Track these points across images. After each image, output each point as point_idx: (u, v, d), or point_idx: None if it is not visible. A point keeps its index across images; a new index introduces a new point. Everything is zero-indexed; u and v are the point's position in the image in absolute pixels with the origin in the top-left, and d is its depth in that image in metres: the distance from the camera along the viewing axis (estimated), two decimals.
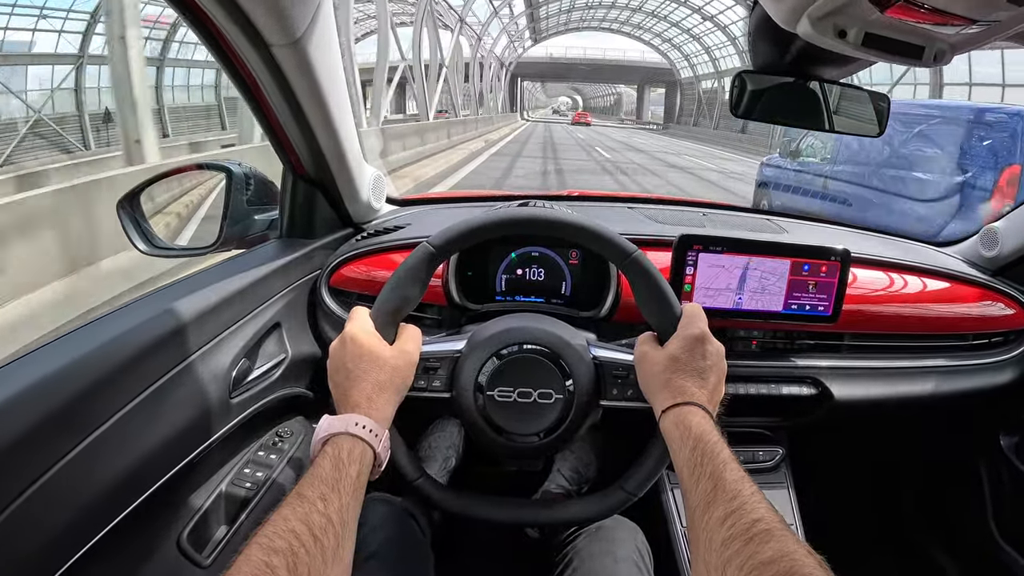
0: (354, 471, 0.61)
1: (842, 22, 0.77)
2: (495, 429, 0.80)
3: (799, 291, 1.06)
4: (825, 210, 5.90)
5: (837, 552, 0.52)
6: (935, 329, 1.22)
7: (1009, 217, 1.31)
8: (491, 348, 0.82)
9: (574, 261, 1.15)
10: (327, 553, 0.53)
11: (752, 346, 1.16)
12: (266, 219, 1.16)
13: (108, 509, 0.71)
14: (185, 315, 0.83)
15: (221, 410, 0.90)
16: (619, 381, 0.81)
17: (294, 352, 1.09)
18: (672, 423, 0.67)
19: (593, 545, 0.90)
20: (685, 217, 1.39)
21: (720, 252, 1.04)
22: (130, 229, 1.06)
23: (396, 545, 0.89)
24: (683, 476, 0.62)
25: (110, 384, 0.71)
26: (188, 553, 0.85)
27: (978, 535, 1.36)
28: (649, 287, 0.77)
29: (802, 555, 0.48)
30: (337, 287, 1.17)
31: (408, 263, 0.77)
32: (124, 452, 0.72)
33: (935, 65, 0.84)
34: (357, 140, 1.13)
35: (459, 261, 1.13)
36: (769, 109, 1.06)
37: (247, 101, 0.97)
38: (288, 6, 0.80)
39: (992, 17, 0.68)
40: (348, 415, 0.66)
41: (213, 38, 0.85)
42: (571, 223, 0.79)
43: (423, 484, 0.80)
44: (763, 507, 0.54)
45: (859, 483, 1.68)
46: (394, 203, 1.46)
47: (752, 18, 0.94)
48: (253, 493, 0.96)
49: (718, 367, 0.72)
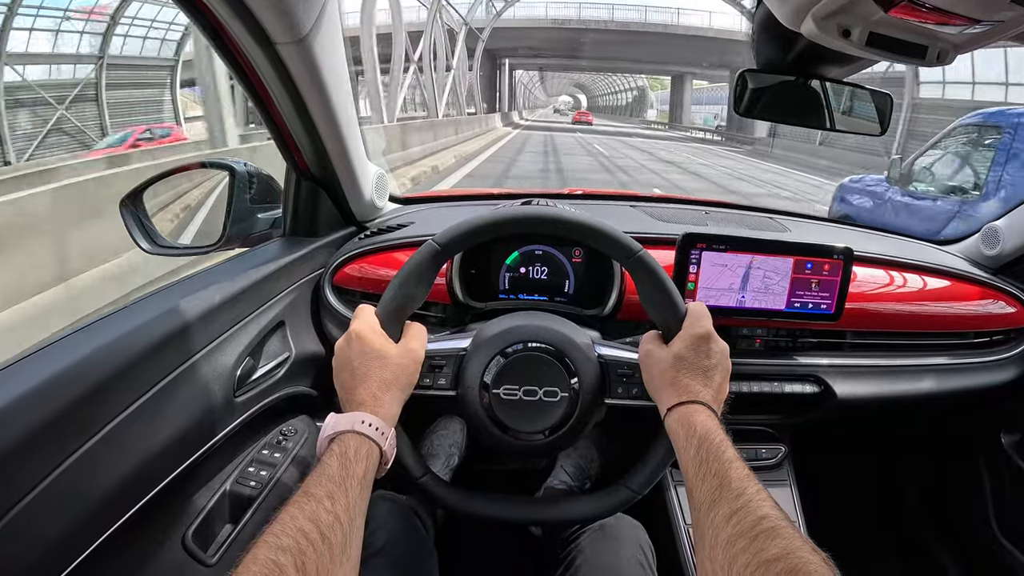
0: (361, 469, 0.62)
1: (846, 21, 0.78)
2: (500, 427, 0.80)
3: (802, 289, 1.06)
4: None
5: (839, 549, 0.52)
6: (937, 327, 1.22)
7: (1010, 215, 1.31)
8: (496, 346, 0.82)
9: (578, 259, 1.16)
10: (335, 551, 0.53)
11: (755, 344, 1.16)
12: (269, 217, 1.17)
13: (114, 509, 0.71)
14: (189, 314, 0.84)
15: (225, 409, 0.90)
16: (624, 380, 0.81)
17: (298, 351, 1.09)
18: (677, 422, 0.67)
19: (597, 543, 0.90)
20: (688, 215, 1.39)
21: (723, 251, 1.04)
22: (133, 228, 1.06)
23: (401, 543, 0.89)
24: (688, 474, 0.63)
25: (114, 384, 0.71)
26: (194, 552, 0.85)
27: (979, 533, 1.36)
28: (654, 285, 0.77)
29: (807, 552, 0.49)
30: (341, 286, 1.17)
31: (413, 261, 0.78)
32: (129, 452, 0.73)
33: (938, 64, 0.85)
34: (361, 138, 1.13)
35: (463, 259, 1.13)
36: (771, 107, 1.06)
37: (252, 99, 0.97)
38: (294, 4, 0.81)
39: (996, 17, 0.69)
40: (354, 413, 0.66)
41: (219, 36, 0.85)
42: (575, 221, 0.79)
43: (427, 482, 0.80)
44: (768, 505, 0.54)
45: (861, 481, 1.69)
46: (397, 201, 1.46)
47: (756, 17, 0.95)
48: (258, 492, 0.97)
49: (723, 366, 0.73)
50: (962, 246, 1.43)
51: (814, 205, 9.82)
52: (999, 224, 1.32)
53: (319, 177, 1.13)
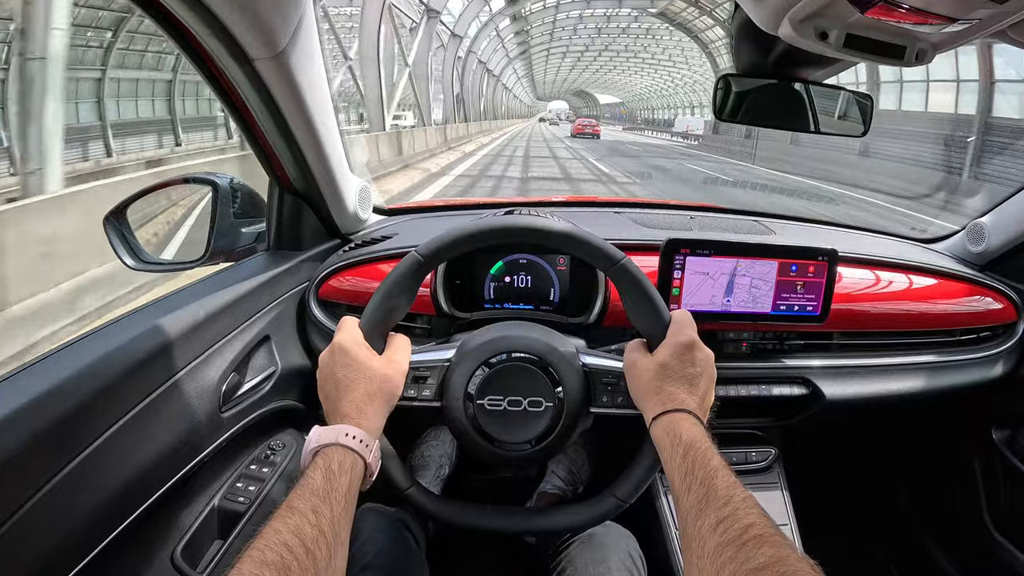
0: (345, 482, 0.61)
1: (823, 24, 0.78)
2: (485, 438, 0.80)
3: (787, 292, 1.06)
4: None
5: (833, 550, 0.52)
6: (924, 326, 1.23)
7: (995, 212, 1.32)
8: (480, 357, 0.81)
9: (562, 267, 1.15)
10: (319, 565, 0.53)
11: (742, 348, 1.16)
12: (253, 232, 1.16)
13: (101, 528, 0.71)
14: (173, 330, 0.83)
15: (212, 425, 0.90)
16: (609, 388, 0.81)
17: (284, 365, 1.08)
18: (663, 430, 0.67)
19: (586, 553, 0.90)
20: (672, 221, 1.39)
21: (708, 255, 1.04)
22: (117, 244, 1.05)
23: (390, 556, 0.89)
24: (674, 483, 0.62)
25: (99, 403, 0.71)
26: (183, 569, 0.85)
27: (973, 529, 1.36)
28: (637, 294, 0.77)
29: (795, 560, 0.49)
30: (326, 299, 1.17)
31: (396, 273, 0.77)
32: (115, 470, 0.72)
33: (917, 64, 0.85)
34: (343, 151, 1.12)
35: (447, 270, 1.12)
36: (753, 111, 1.06)
37: (232, 115, 0.97)
38: (269, 20, 0.80)
39: (972, 15, 0.69)
40: (338, 426, 0.66)
41: (197, 54, 0.84)
42: (557, 231, 0.79)
43: (414, 493, 0.79)
44: (755, 513, 0.54)
45: (853, 481, 1.68)
46: (381, 213, 1.46)
47: (734, 21, 0.95)
48: (246, 507, 0.96)
49: (708, 373, 0.72)
50: (947, 244, 1.44)
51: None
52: (984, 221, 1.33)
53: (302, 191, 1.13)
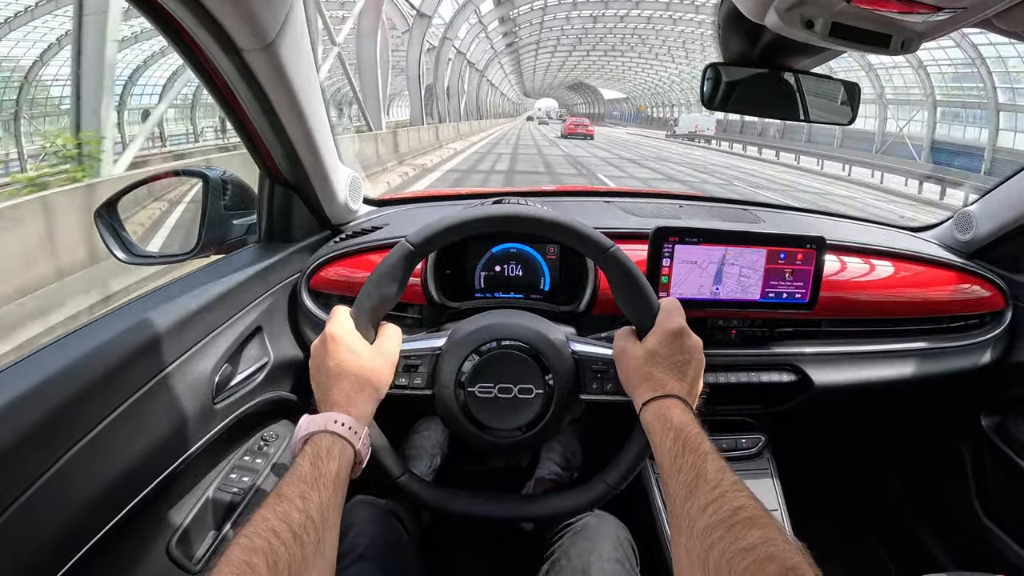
0: (333, 468, 0.62)
1: (809, 13, 0.78)
2: (477, 425, 0.81)
3: (776, 279, 1.07)
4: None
5: (822, 536, 0.53)
6: (912, 313, 1.24)
7: (983, 201, 1.33)
8: (471, 345, 0.82)
9: (552, 256, 1.16)
10: (307, 550, 0.54)
11: (731, 335, 1.16)
12: (244, 224, 1.16)
13: (96, 520, 0.71)
14: (165, 323, 0.83)
15: (205, 416, 0.90)
16: (599, 375, 0.82)
17: (276, 356, 1.09)
18: (653, 415, 0.68)
19: (578, 543, 0.91)
20: (661, 209, 1.40)
21: (696, 243, 1.04)
22: (108, 237, 1.05)
23: (382, 547, 0.89)
24: (664, 467, 0.63)
25: (91, 396, 0.71)
26: (178, 561, 0.85)
27: (962, 514, 1.38)
28: (626, 282, 0.77)
29: (783, 541, 0.50)
30: (317, 289, 1.17)
31: (386, 262, 0.78)
32: (109, 463, 0.72)
33: (903, 53, 0.86)
34: (332, 142, 1.12)
35: (437, 259, 1.13)
36: (742, 100, 1.07)
37: (221, 107, 0.97)
38: (258, 11, 0.80)
39: (958, 4, 0.69)
40: (327, 413, 0.67)
41: (186, 45, 0.84)
42: (546, 219, 0.80)
43: (406, 481, 0.80)
44: (744, 495, 0.55)
45: (843, 468, 1.70)
46: (371, 204, 1.45)
47: (720, 10, 0.95)
48: (240, 498, 0.97)
49: (696, 360, 0.73)
50: (936, 232, 1.45)
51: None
52: (972, 209, 1.34)
53: (292, 182, 1.13)
